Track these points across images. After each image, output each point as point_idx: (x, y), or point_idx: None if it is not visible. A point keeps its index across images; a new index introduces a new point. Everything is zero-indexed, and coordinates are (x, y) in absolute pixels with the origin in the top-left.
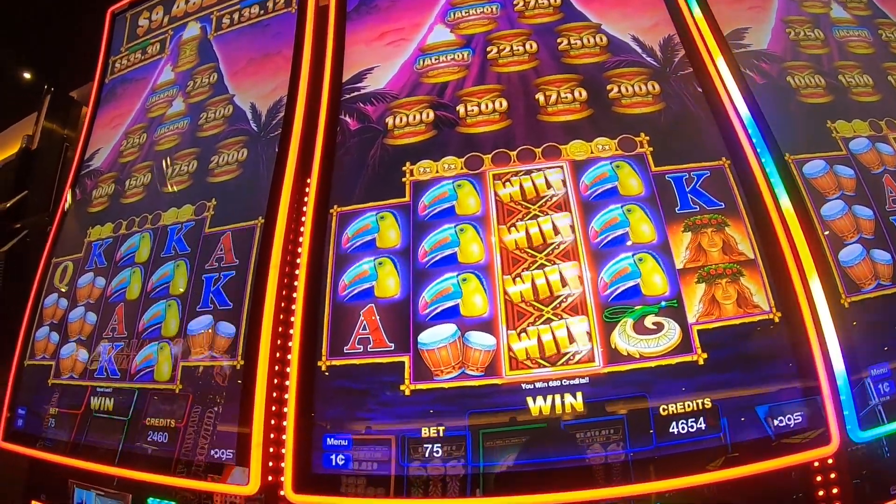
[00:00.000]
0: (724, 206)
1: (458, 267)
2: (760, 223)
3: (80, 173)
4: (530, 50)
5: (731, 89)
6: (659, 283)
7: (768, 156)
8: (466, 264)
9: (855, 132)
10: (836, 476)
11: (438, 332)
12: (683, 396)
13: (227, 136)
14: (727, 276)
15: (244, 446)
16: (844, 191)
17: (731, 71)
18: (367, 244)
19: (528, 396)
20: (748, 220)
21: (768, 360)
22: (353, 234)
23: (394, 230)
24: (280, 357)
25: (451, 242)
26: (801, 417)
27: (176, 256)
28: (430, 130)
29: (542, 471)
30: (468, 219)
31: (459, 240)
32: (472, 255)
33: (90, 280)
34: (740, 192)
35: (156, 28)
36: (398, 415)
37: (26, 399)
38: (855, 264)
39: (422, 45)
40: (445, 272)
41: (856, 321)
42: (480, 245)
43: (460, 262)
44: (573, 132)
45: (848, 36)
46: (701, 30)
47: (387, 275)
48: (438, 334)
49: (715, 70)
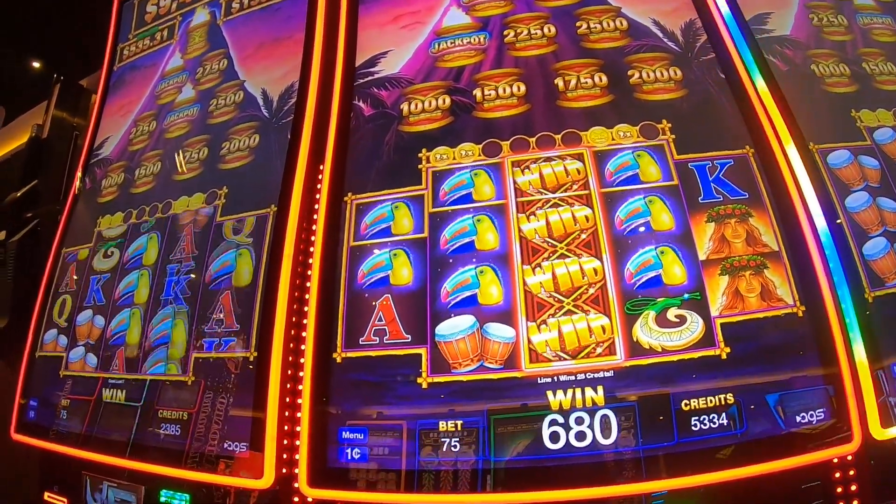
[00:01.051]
0: (748, 196)
1: (476, 255)
2: (784, 214)
3: (90, 162)
4: (549, 33)
5: (754, 76)
6: (680, 275)
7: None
8: (484, 252)
9: (879, 121)
10: (856, 473)
11: (457, 324)
12: (705, 391)
13: (238, 122)
14: (751, 268)
15: (258, 438)
16: (869, 182)
17: (755, 57)
18: (382, 231)
19: (547, 390)
20: (772, 210)
21: (791, 355)
22: (371, 222)
23: (407, 219)
24: (294, 348)
25: (469, 232)
26: (824, 414)
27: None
28: (446, 117)
29: (562, 466)
30: (486, 209)
31: (477, 230)
32: (489, 243)
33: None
34: (764, 181)
35: (164, 14)
36: (415, 408)
37: (38, 390)
38: (879, 258)
39: (437, 28)
40: (464, 261)
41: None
42: (496, 235)
43: (478, 250)
44: (594, 118)
45: (871, 23)
46: (723, 14)
47: (402, 264)
48: (457, 326)
49: (738, 56)
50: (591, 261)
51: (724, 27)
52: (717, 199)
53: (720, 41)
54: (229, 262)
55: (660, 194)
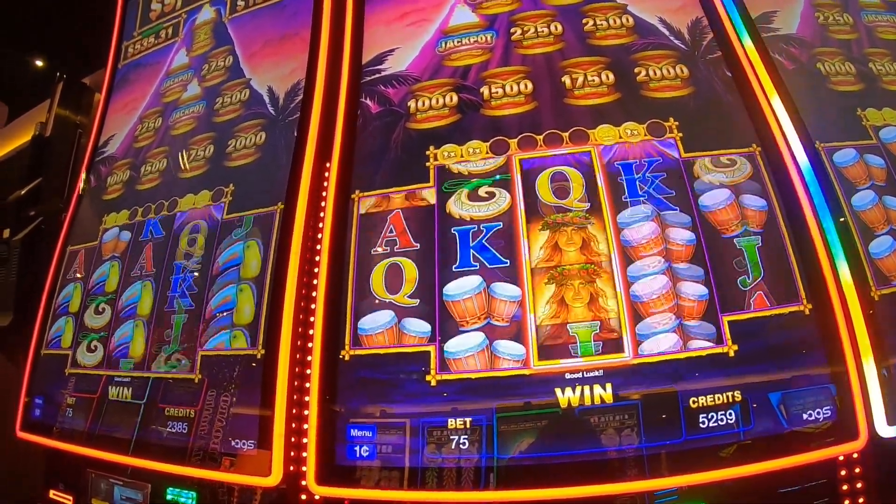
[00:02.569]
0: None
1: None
2: (790, 212)
3: (95, 160)
4: (555, 31)
5: (760, 75)
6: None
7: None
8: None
9: (885, 120)
10: (862, 471)
11: (464, 284)
12: (713, 388)
13: (244, 119)
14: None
15: (266, 436)
16: (875, 180)
17: (761, 56)
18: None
19: (556, 387)
20: (779, 209)
21: (798, 352)
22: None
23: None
24: (301, 346)
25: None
26: (830, 411)
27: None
28: (453, 114)
29: (570, 463)
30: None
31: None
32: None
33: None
34: (771, 180)
35: (169, 12)
36: (424, 406)
37: (43, 388)
38: (885, 256)
39: (443, 26)
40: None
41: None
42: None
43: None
44: (601, 116)
45: (877, 21)
46: (729, 12)
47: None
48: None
49: (744, 54)
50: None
51: (730, 25)
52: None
53: (726, 39)
54: (237, 256)
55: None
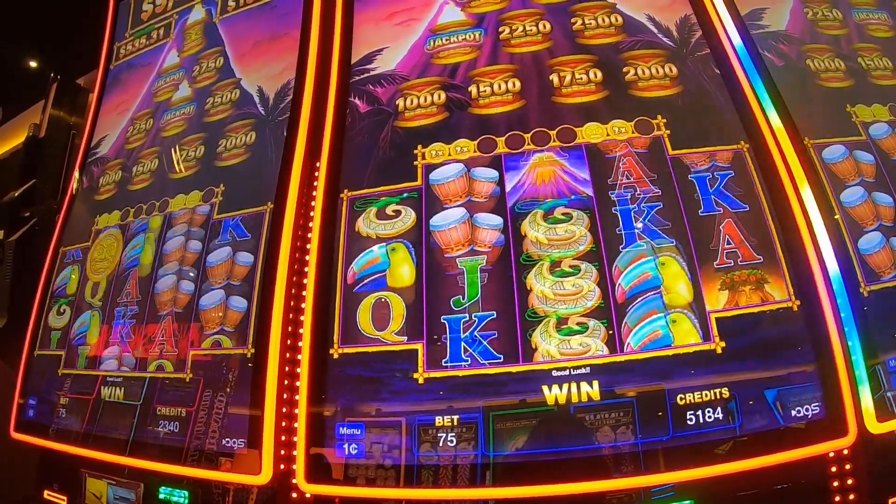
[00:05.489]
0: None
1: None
2: (779, 209)
3: (87, 161)
4: (543, 30)
5: (749, 72)
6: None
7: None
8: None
9: (875, 117)
10: (852, 467)
11: (447, 170)
12: (701, 385)
13: (235, 119)
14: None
15: (256, 435)
16: (864, 177)
17: (750, 52)
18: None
19: (543, 384)
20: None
21: (786, 348)
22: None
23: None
24: (291, 344)
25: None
26: (819, 408)
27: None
28: (441, 112)
29: (555, 460)
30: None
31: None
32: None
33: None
34: (759, 176)
35: (160, 12)
36: (411, 403)
37: (37, 389)
38: (874, 252)
39: (432, 25)
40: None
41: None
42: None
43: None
44: (589, 114)
45: (868, 18)
46: (718, 9)
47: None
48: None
49: (733, 51)
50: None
51: (718, 22)
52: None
53: (715, 37)
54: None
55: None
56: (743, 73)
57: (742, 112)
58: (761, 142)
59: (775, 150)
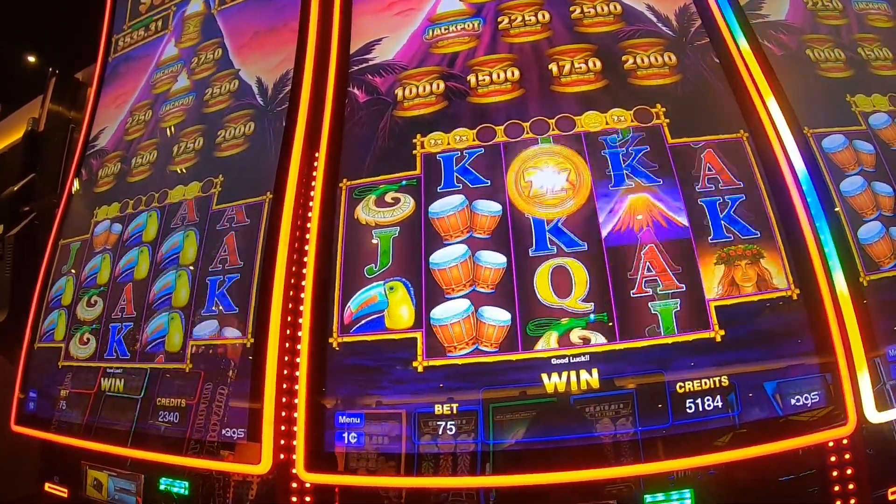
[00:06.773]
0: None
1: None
2: (779, 198)
3: (86, 154)
4: (542, 20)
5: (749, 61)
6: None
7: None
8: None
9: (875, 107)
10: (851, 457)
11: (452, 308)
12: (700, 373)
13: (233, 110)
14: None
15: (255, 425)
16: (864, 166)
17: (749, 42)
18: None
19: (542, 373)
20: (766, 194)
21: (786, 337)
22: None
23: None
24: (290, 334)
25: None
26: (818, 397)
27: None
28: (440, 101)
29: (555, 448)
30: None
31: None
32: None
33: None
34: (758, 164)
35: (158, 4)
36: (411, 392)
37: (37, 382)
38: (874, 242)
39: (431, 14)
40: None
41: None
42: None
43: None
44: (588, 103)
45: (868, 8)
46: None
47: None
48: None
49: (732, 40)
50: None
51: (718, 11)
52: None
53: (714, 25)
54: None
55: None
56: (742, 62)
57: (742, 101)
58: (760, 130)
59: (775, 138)
